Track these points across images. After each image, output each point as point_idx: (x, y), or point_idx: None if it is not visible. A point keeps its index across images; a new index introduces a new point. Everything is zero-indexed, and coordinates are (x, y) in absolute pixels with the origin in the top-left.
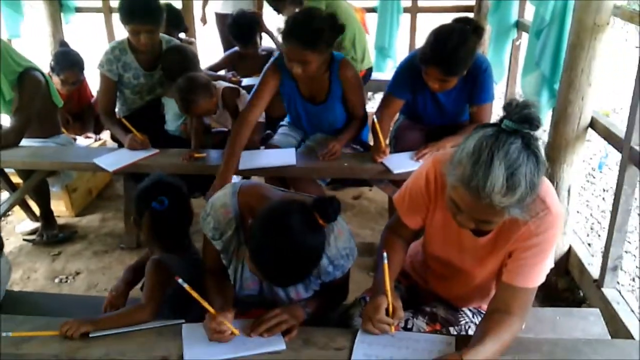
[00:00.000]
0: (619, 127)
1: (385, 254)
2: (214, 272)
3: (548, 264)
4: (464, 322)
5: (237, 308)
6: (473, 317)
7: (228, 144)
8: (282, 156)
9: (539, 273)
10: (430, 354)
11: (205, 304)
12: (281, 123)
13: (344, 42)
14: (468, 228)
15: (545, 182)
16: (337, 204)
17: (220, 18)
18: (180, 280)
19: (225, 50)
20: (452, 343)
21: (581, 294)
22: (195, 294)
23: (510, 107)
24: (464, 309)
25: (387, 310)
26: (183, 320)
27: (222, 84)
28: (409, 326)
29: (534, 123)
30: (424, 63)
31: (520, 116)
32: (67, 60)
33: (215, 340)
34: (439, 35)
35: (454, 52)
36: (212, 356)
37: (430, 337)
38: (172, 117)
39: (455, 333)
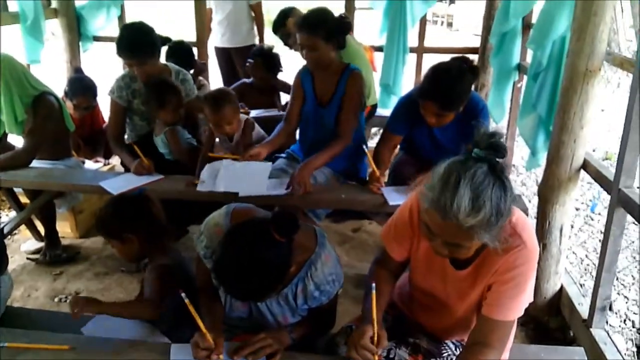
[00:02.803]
0: (611, 170)
1: (373, 285)
2: (206, 291)
3: (526, 298)
4: (446, 354)
5: (226, 333)
6: (455, 349)
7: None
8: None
9: (517, 306)
10: None
11: (199, 321)
12: (279, 155)
13: None
14: (443, 255)
15: (522, 218)
16: (294, 221)
17: (220, 52)
18: (183, 295)
19: (225, 82)
20: None
21: (572, 334)
22: (192, 310)
23: (479, 135)
24: (447, 341)
25: (372, 339)
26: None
27: (244, 116)
28: (391, 356)
29: (500, 151)
30: (421, 97)
31: (487, 144)
32: (80, 86)
33: (199, 358)
34: (437, 71)
35: (450, 87)
36: None
37: None
38: (162, 146)
39: None
